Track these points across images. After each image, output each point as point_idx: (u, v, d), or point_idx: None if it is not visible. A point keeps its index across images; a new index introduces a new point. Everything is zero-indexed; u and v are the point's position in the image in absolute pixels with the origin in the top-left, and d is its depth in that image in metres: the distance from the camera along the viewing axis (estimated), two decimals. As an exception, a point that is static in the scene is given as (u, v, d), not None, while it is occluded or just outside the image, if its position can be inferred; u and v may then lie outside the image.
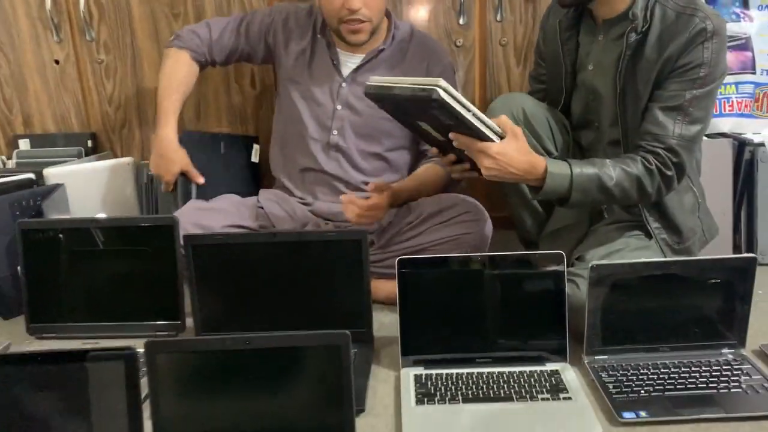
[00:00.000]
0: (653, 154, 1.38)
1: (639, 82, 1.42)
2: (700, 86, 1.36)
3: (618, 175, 1.37)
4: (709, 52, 1.35)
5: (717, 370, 1.24)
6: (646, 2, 1.39)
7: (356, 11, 1.54)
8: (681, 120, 1.37)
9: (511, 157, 1.30)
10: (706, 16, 1.35)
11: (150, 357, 1.01)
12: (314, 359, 1.03)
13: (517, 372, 1.26)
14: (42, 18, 1.95)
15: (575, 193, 1.37)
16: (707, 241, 1.57)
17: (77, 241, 1.46)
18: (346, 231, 1.50)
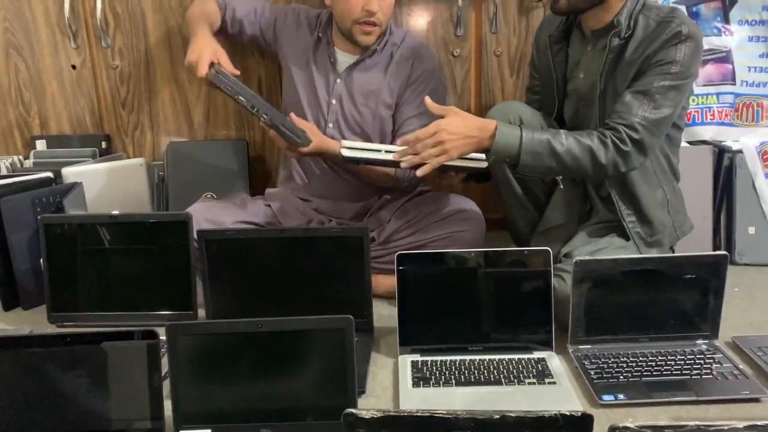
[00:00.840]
0: (612, 129, 1.46)
1: (618, 82, 1.52)
2: (670, 79, 1.46)
3: (569, 143, 1.46)
4: (681, 52, 1.45)
5: (691, 359, 1.34)
6: (630, 12, 1.50)
7: (374, 14, 1.64)
8: (647, 103, 1.46)
9: (460, 125, 1.44)
10: (683, 21, 1.46)
11: (171, 339, 1.11)
12: (320, 342, 1.13)
13: (507, 359, 1.36)
14: (60, 25, 2.05)
15: (525, 155, 1.45)
16: (678, 237, 1.66)
17: (96, 235, 1.56)
18: (349, 228, 1.60)
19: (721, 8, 1.96)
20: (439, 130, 1.43)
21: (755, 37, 1.97)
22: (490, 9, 2.00)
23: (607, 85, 1.54)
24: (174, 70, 2.09)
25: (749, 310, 1.61)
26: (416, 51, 1.78)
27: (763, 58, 1.97)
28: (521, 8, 2.00)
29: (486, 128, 1.46)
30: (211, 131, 2.14)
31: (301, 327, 1.13)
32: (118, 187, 1.95)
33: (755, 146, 1.93)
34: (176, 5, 2.03)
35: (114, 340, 1.13)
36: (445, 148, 1.43)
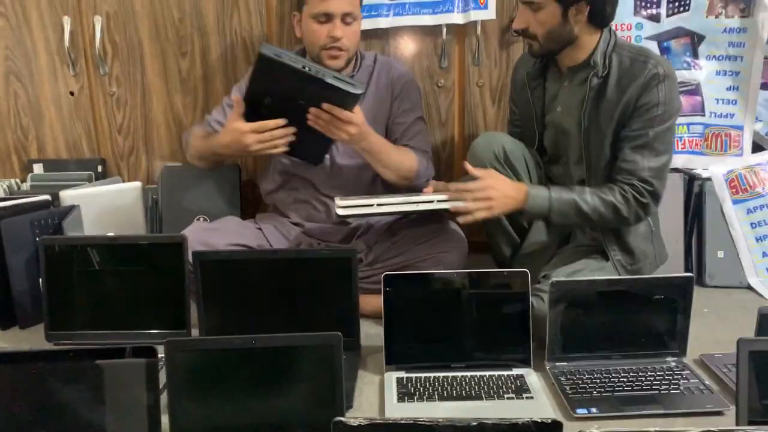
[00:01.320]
0: (629, 185, 1.60)
1: (601, 119, 1.62)
2: (659, 123, 1.58)
3: (594, 201, 1.59)
4: (663, 93, 1.57)
5: (660, 375, 1.42)
6: (604, 51, 1.61)
7: (339, 39, 1.74)
8: (648, 154, 1.59)
9: (504, 185, 1.58)
10: (657, 62, 1.58)
11: (169, 354, 1.17)
12: (310, 358, 1.19)
13: (487, 376, 1.43)
14: (60, 53, 2.13)
15: (554, 216, 1.60)
16: (658, 266, 1.76)
17: (94, 256, 1.62)
18: (338, 249, 1.67)
19: (690, 44, 2.07)
20: (489, 187, 1.56)
21: (722, 71, 2.08)
22: (473, 42, 2.10)
23: (590, 122, 1.64)
24: (169, 97, 2.17)
25: (717, 329, 1.69)
26: (393, 66, 1.89)
27: (730, 91, 2.09)
28: (502, 42, 2.11)
29: (521, 190, 1.60)
30: (205, 156, 2.21)
31: (293, 343, 1.19)
32: (114, 210, 2.01)
33: (723, 174, 2.03)
34: (173, 36, 2.11)
35: (113, 357, 1.18)
36: (492, 204, 1.56)
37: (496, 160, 1.69)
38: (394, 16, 2.07)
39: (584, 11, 1.56)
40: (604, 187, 1.62)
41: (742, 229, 2.00)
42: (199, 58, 2.13)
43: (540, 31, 1.60)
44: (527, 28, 1.61)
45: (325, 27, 1.74)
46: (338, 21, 1.74)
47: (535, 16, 1.59)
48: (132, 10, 2.10)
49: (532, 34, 1.62)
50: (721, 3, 2.02)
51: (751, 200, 2.01)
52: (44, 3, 2.09)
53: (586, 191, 1.62)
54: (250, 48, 2.12)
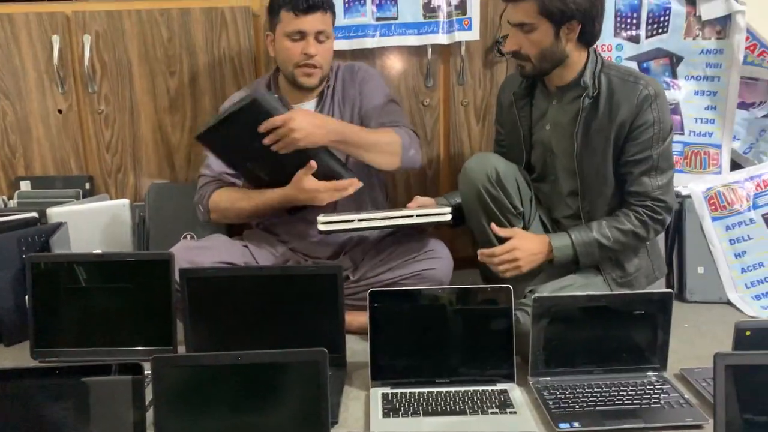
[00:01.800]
0: (642, 206, 1.66)
1: (594, 139, 1.66)
2: (658, 143, 1.63)
3: (614, 234, 1.66)
4: (656, 112, 1.62)
5: (641, 389, 1.45)
6: (592, 71, 1.65)
7: (312, 56, 1.76)
8: (655, 174, 1.65)
9: (529, 245, 1.65)
10: (647, 82, 1.63)
11: (156, 370, 1.18)
12: (296, 374, 1.21)
13: (471, 391, 1.45)
14: (49, 72, 2.14)
15: (582, 258, 1.67)
16: (657, 278, 1.81)
17: (81, 273, 1.62)
18: (324, 266, 1.69)
19: (669, 65, 2.13)
20: (514, 248, 1.64)
21: (701, 91, 2.14)
22: (458, 62, 2.14)
23: (582, 142, 1.68)
24: (158, 115, 2.18)
25: (697, 344, 1.72)
26: (353, 70, 1.91)
27: (708, 111, 2.14)
28: (486, 62, 2.15)
29: (544, 243, 1.67)
30: (192, 173, 2.22)
31: (278, 360, 1.21)
32: (102, 227, 2.02)
33: (702, 192, 2.07)
34: (162, 55, 2.13)
35: (98, 374, 1.19)
36: (519, 264, 1.64)
37: (488, 182, 1.71)
38: (380, 37, 2.11)
39: (576, 29, 1.60)
40: (619, 215, 1.67)
41: (721, 245, 2.04)
42: (187, 77, 2.16)
43: (533, 52, 1.63)
44: (519, 49, 1.65)
45: (299, 45, 1.77)
46: (311, 39, 1.76)
47: (527, 37, 1.62)
48: (121, 30, 2.12)
49: (524, 55, 1.65)
50: (698, 25, 2.07)
51: (730, 217, 2.05)
52: (34, 22, 2.11)
53: (603, 225, 1.67)
54: (238, 68, 2.15)
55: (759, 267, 2.02)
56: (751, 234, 2.04)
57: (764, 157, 2.17)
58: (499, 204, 1.72)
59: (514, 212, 1.74)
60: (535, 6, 1.57)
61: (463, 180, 1.75)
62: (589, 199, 1.71)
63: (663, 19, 2.08)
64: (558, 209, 1.80)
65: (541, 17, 1.58)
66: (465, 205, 1.77)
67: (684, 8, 2.07)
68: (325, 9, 1.77)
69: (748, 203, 2.05)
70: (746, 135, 2.26)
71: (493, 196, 1.71)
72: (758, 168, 2.10)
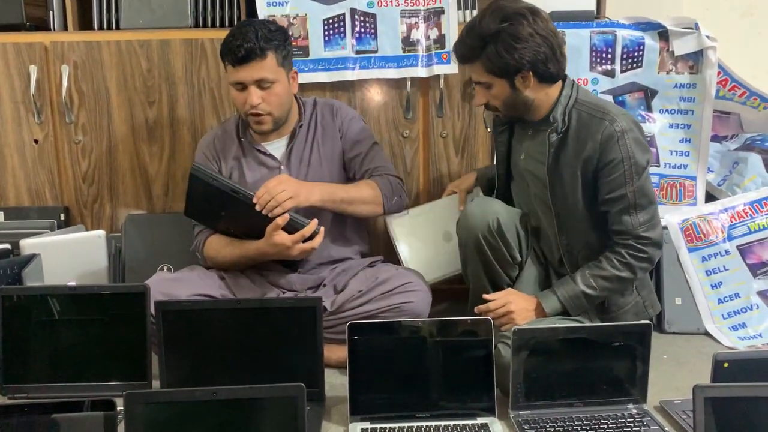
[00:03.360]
0: (625, 246, 1.64)
1: (564, 174, 1.67)
2: (631, 179, 1.61)
3: (598, 283, 1.65)
4: (624, 148, 1.60)
5: (622, 422, 1.44)
6: (564, 107, 1.66)
7: (255, 106, 1.76)
8: (634, 212, 1.63)
9: (522, 301, 1.68)
10: (614, 118, 1.61)
11: (129, 407, 1.15)
12: (273, 409, 1.19)
13: (452, 425, 1.43)
14: (25, 102, 2.12)
15: (572, 310, 1.67)
16: (650, 316, 1.77)
17: (54, 306, 1.59)
18: (302, 299, 1.68)
19: (644, 98, 2.16)
20: (508, 302, 1.66)
21: (675, 124, 2.17)
22: (437, 95, 2.17)
23: (553, 177, 1.68)
24: (135, 145, 2.17)
25: (676, 375, 1.73)
26: (333, 108, 1.93)
27: (683, 143, 2.18)
28: (465, 94, 2.17)
29: (533, 301, 1.69)
30: (170, 204, 2.21)
31: (255, 395, 1.19)
32: (77, 259, 1.99)
33: (678, 223, 2.10)
34: (140, 85, 2.13)
35: (69, 411, 1.16)
36: (513, 317, 1.65)
37: (488, 231, 1.70)
38: (360, 69, 2.12)
39: (529, 77, 1.61)
40: (602, 261, 1.66)
41: (698, 276, 2.06)
42: (166, 108, 2.15)
43: (498, 104, 1.68)
44: (487, 102, 1.70)
45: (243, 95, 1.77)
46: (252, 88, 1.75)
47: (488, 93, 1.67)
48: (100, 60, 2.12)
49: (492, 106, 1.71)
50: (672, 60, 2.12)
51: (706, 248, 2.07)
52: (11, 52, 2.10)
53: (587, 275, 1.65)
54: (217, 98, 2.15)
55: (735, 298, 2.04)
56: (726, 265, 2.06)
57: (738, 189, 2.20)
58: (498, 254, 1.73)
59: (511, 262, 1.75)
60: (482, 67, 1.62)
61: (463, 225, 1.75)
62: (567, 234, 1.71)
63: (637, 54, 2.12)
64: (546, 246, 1.80)
65: (491, 76, 1.62)
66: (462, 250, 1.78)
67: (657, 44, 2.12)
68: (262, 56, 1.73)
69: (723, 234, 2.08)
70: (720, 167, 2.30)
71: (492, 246, 1.72)
72: (732, 200, 2.14)
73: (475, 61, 1.62)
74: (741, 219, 2.09)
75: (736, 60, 2.23)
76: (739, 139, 2.39)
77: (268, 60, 1.75)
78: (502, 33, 1.56)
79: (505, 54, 1.57)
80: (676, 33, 2.10)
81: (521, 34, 1.56)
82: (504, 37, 1.56)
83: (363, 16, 2.11)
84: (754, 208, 2.10)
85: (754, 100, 2.22)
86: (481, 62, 1.61)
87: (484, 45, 1.59)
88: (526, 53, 1.57)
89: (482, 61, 1.61)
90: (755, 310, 2.02)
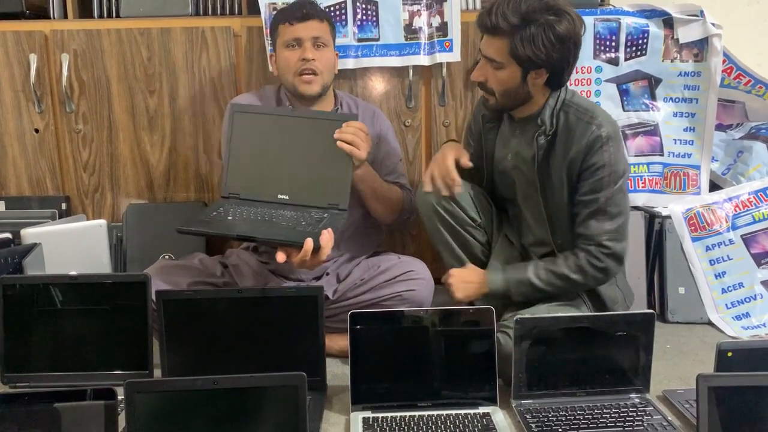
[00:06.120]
0: (585, 251, 1.62)
1: (553, 175, 1.64)
2: (608, 186, 1.59)
3: (547, 276, 1.63)
4: (607, 154, 1.58)
5: (624, 412, 1.43)
6: (552, 109, 1.63)
7: (310, 60, 1.76)
8: (603, 218, 1.61)
9: (463, 273, 1.68)
10: (601, 123, 1.58)
11: (129, 396, 1.15)
12: (274, 398, 1.19)
13: (454, 414, 1.43)
14: (25, 91, 2.11)
15: (515, 296, 1.65)
16: (628, 308, 1.77)
17: (55, 295, 1.58)
18: (304, 288, 1.67)
19: (648, 87, 2.15)
20: (449, 276, 1.69)
21: (679, 113, 2.16)
22: (439, 83, 2.15)
23: (543, 179, 1.66)
24: (136, 134, 2.16)
25: (679, 365, 1.72)
26: (373, 114, 1.93)
27: (687, 132, 2.16)
28: (467, 83, 2.15)
29: (479, 274, 1.69)
30: (171, 193, 2.20)
31: (256, 384, 1.18)
32: (78, 248, 1.98)
33: (682, 212, 2.09)
34: (141, 74, 2.12)
35: (70, 400, 1.16)
36: (451, 289, 1.67)
37: (443, 198, 1.73)
38: (361, 57, 2.11)
39: (543, 76, 1.58)
40: (558, 258, 1.65)
41: (702, 266, 2.05)
42: (167, 96, 2.14)
43: (497, 88, 1.61)
44: (485, 81, 1.62)
45: (297, 52, 1.77)
46: (308, 44, 1.77)
47: (495, 73, 1.59)
48: (100, 49, 2.10)
49: (489, 88, 1.63)
50: (676, 48, 2.10)
51: (710, 238, 2.06)
52: (11, 40, 2.09)
53: (540, 266, 1.65)
54: (218, 87, 2.14)
55: (739, 287, 2.03)
56: (730, 254, 2.05)
57: (742, 179, 2.19)
58: (457, 218, 1.74)
59: (473, 224, 1.76)
60: (507, 46, 1.53)
61: (420, 200, 1.78)
62: (560, 233, 1.69)
63: (641, 42, 2.10)
64: (525, 236, 1.79)
65: (511, 59, 1.55)
66: (426, 226, 1.80)
67: (662, 31, 2.10)
68: (320, 18, 1.79)
69: (728, 224, 2.07)
70: (724, 156, 2.29)
71: (448, 211, 1.73)
72: (736, 189, 2.12)
73: (504, 37, 1.53)
74: (745, 208, 2.08)
75: (742, 48, 2.21)
76: (743, 128, 2.36)
77: (325, 25, 1.81)
78: (546, 24, 1.50)
79: (541, 46, 1.50)
80: (681, 20, 2.07)
81: (562, 34, 1.50)
82: (546, 29, 1.50)
83: (365, 4, 2.09)
84: (758, 197, 2.08)
85: (760, 89, 2.20)
86: (510, 41, 1.52)
87: (523, 26, 1.50)
88: (557, 54, 1.52)
89: (512, 40, 1.52)
90: (759, 299, 2.01)
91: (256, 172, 1.72)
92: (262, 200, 1.70)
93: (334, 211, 1.67)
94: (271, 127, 1.73)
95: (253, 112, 1.76)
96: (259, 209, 1.67)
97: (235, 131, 1.73)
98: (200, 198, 2.20)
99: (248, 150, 1.73)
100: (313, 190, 1.70)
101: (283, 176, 1.71)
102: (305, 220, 1.63)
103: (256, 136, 1.72)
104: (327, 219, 1.63)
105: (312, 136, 1.70)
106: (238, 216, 1.64)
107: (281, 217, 1.64)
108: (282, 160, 1.71)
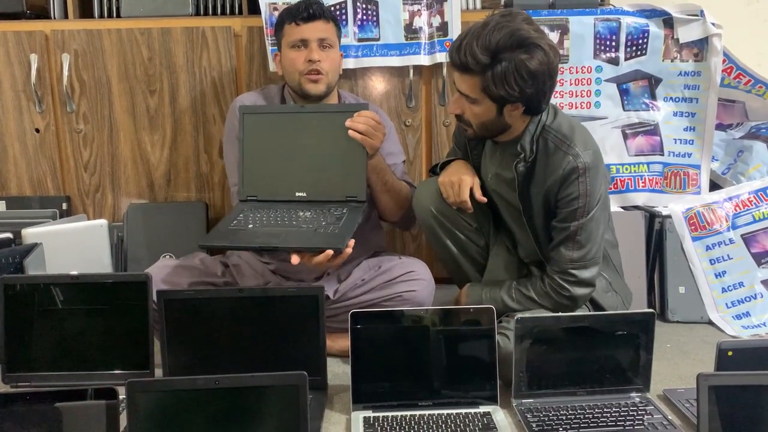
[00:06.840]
0: (550, 278, 1.63)
1: (533, 200, 1.63)
2: (581, 216, 1.57)
3: (517, 296, 1.66)
4: (584, 185, 1.56)
5: (625, 411, 1.43)
6: (532, 135, 1.60)
7: (316, 61, 1.76)
8: (572, 246, 1.60)
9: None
10: (578, 153, 1.55)
11: (131, 395, 1.15)
12: (275, 398, 1.19)
13: (454, 414, 1.43)
14: (26, 91, 2.12)
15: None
16: (627, 308, 1.77)
17: (56, 295, 1.58)
18: (305, 287, 1.67)
19: (648, 86, 2.15)
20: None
21: (679, 113, 2.16)
22: (439, 83, 2.15)
23: (525, 204, 1.65)
24: (137, 134, 2.16)
25: (679, 364, 1.72)
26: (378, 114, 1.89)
27: (687, 132, 2.16)
28: (468, 83, 2.16)
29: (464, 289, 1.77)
30: (172, 193, 2.21)
31: (257, 384, 1.18)
32: (79, 248, 1.98)
33: (682, 212, 2.09)
34: (142, 74, 2.12)
35: (72, 399, 1.16)
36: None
37: (438, 201, 1.73)
38: (362, 57, 2.11)
39: (520, 108, 1.54)
40: (530, 280, 1.68)
41: (702, 265, 2.05)
42: (167, 96, 2.14)
43: (474, 121, 1.58)
44: (462, 114, 1.59)
45: (303, 53, 1.78)
46: (314, 45, 1.78)
47: (470, 107, 1.56)
48: (101, 49, 2.10)
49: (466, 120, 1.60)
50: (676, 48, 2.10)
51: (710, 237, 2.06)
52: (12, 40, 2.09)
53: (512, 286, 1.67)
54: (219, 87, 2.14)
55: (739, 287, 2.04)
56: (731, 254, 2.05)
57: (742, 178, 2.19)
58: (453, 221, 1.74)
59: (471, 227, 1.76)
60: (479, 84, 1.49)
61: (416, 205, 1.77)
62: (548, 248, 1.67)
63: (641, 42, 2.10)
64: (518, 247, 1.78)
65: (484, 95, 1.51)
66: (424, 230, 1.80)
67: (662, 31, 2.10)
68: (326, 19, 1.80)
69: (728, 223, 2.07)
70: (724, 156, 2.29)
71: (444, 214, 1.74)
72: (737, 188, 2.13)
73: (475, 75, 1.49)
74: (745, 208, 2.08)
75: (742, 47, 2.22)
76: (743, 128, 2.37)
77: (331, 26, 1.82)
78: (516, 61, 1.45)
79: (514, 84, 1.46)
80: (681, 20, 2.08)
81: (533, 70, 1.45)
82: (516, 67, 1.45)
83: (365, 4, 2.09)
84: (758, 196, 2.09)
85: (760, 88, 2.20)
86: (481, 79, 1.49)
87: (491, 64, 1.46)
88: (531, 89, 1.48)
89: (482, 78, 1.48)
90: (759, 299, 2.01)
91: (271, 172, 1.73)
92: (280, 200, 1.70)
93: (353, 204, 1.67)
94: (282, 125, 1.73)
95: (262, 112, 1.76)
96: (278, 212, 1.67)
97: (246, 133, 1.73)
98: (201, 198, 2.21)
99: (261, 151, 1.73)
100: (330, 185, 1.70)
101: (298, 174, 1.71)
102: (325, 219, 1.63)
103: (267, 137, 1.73)
104: (347, 214, 1.64)
105: (323, 131, 1.70)
106: (258, 223, 1.64)
107: (301, 219, 1.64)
108: (296, 158, 1.71)
